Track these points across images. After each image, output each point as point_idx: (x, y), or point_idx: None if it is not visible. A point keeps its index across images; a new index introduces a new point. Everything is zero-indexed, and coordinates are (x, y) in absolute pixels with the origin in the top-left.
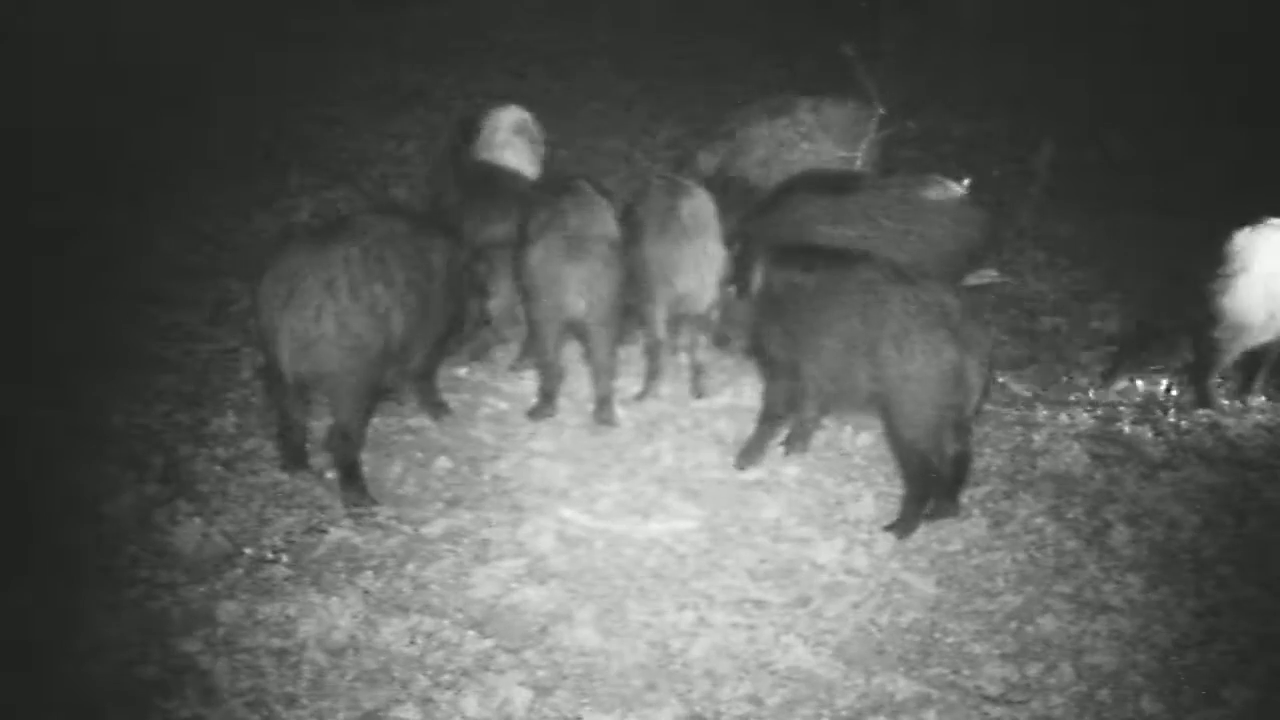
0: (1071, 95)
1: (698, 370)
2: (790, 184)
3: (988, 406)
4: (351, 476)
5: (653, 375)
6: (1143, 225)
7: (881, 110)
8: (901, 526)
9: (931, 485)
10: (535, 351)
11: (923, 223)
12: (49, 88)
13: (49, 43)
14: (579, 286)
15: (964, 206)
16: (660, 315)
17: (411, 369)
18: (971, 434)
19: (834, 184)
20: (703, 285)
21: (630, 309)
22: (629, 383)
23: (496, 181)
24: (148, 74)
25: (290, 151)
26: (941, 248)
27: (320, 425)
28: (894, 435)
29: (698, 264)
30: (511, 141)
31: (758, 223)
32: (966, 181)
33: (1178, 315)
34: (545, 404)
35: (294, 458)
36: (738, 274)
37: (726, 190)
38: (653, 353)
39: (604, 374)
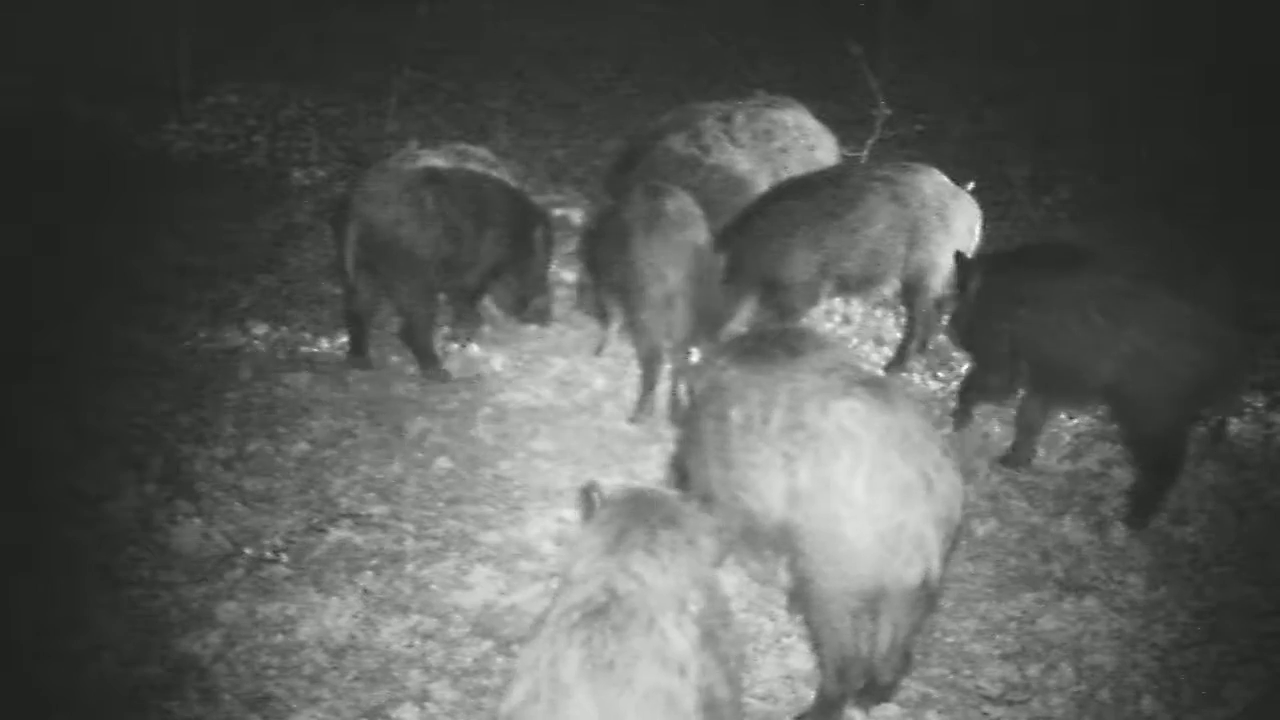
0: (1071, 95)
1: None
2: (775, 190)
3: (987, 406)
4: (421, 358)
5: (648, 386)
6: (1144, 225)
7: (887, 110)
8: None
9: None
10: (645, 345)
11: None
12: (49, 87)
13: (49, 43)
14: (682, 263)
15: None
16: (654, 320)
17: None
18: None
19: (817, 185)
20: (694, 280)
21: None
22: (626, 384)
23: None
24: (147, 74)
25: (290, 151)
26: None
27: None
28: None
29: (690, 258)
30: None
31: (742, 230)
32: (971, 185)
33: None
34: (650, 398)
35: (356, 348)
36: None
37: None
38: (648, 362)
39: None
